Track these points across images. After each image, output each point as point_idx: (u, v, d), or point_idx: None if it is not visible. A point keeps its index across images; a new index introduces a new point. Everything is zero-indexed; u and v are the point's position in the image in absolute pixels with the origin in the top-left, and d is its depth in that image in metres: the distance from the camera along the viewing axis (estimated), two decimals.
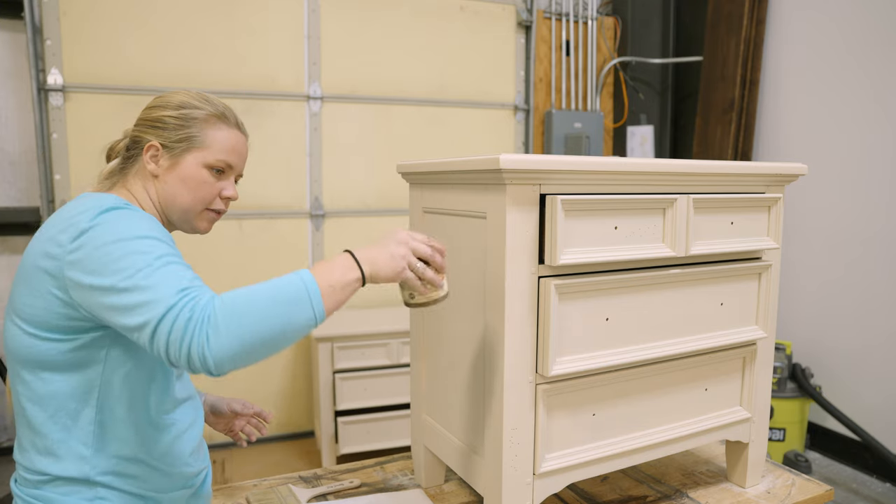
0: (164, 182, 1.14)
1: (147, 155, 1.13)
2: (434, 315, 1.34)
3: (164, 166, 1.13)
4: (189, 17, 3.05)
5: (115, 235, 0.95)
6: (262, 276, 3.50)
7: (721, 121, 3.58)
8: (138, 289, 0.90)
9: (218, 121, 1.16)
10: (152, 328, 0.88)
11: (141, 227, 0.97)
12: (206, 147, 1.14)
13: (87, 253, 0.95)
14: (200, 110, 1.15)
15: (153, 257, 0.93)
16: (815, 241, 3.24)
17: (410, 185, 1.39)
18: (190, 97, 1.16)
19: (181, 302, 0.88)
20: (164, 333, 0.87)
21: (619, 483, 1.47)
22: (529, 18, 3.71)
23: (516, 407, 1.09)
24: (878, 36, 2.96)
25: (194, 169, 1.14)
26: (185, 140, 1.13)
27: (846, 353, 3.12)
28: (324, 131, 3.34)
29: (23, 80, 3.00)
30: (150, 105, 1.18)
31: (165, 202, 1.14)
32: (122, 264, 0.92)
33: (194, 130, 1.14)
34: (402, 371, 2.95)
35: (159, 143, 1.12)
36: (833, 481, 2.95)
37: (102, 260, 0.93)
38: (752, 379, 1.39)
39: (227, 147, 1.16)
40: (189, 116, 1.14)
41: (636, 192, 1.16)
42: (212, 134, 1.15)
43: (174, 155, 1.13)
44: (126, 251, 0.93)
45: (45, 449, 1.02)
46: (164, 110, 1.14)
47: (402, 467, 1.54)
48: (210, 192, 1.15)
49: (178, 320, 0.87)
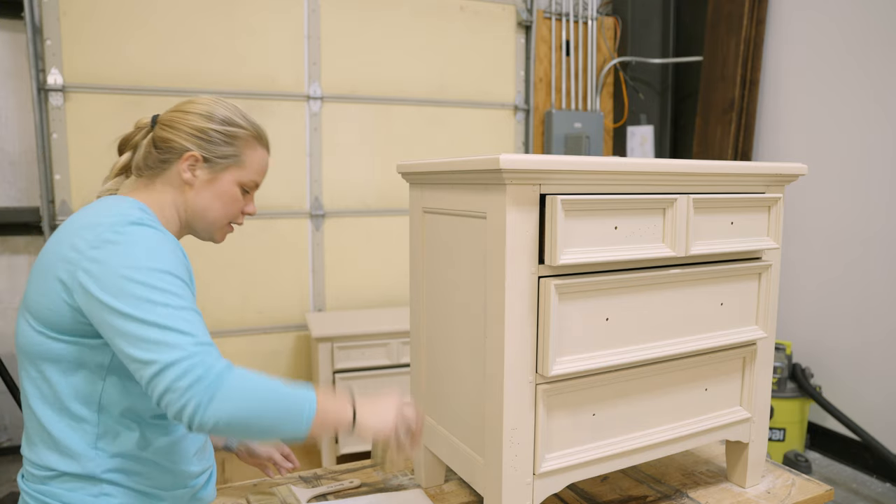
0: (198, 194, 1.15)
1: (185, 164, 1.13)
2: (434, 315, 1.34)
3: (201, 178, 1.14)
4: (189, 17, 3.05)
5: (141, 261, 0.96)
6: (262, 275, 3.49)
7: (721, 121, 3.58)
8: (156, 326, 0.93)
9: (256, 142, 1.19)
10: (158, 369, 0.90)
11: (167, 260, 0.99)
12: (244, 167, 1.18)
13: (107, 269, 0.95)
14: (244, 130, 1.17)
15: (177, 298, 0.96)
16: (815, 241, 3.24)
17: (410, 185, 1.39)
18: (230, 111, 1.17)
19: (197, 357, 0.92)
20: (168, 378, 0.90)
21: (619, 483, 1.47)
22: (529, 18, 3.71)
23: (516, 407, 1.09)
24: (878, 36, 2.96)
25: (229, 186, 1.17)
26: (229, 158, 1.15)
27: (846, 352, 3.12)
28: (324, 131, 3.34)
29: (23, 80, 3.00)
30: (188, 110, 1.16)
31: (194, 213, 1.17)
32: (144, 294, 0.94)
33: (237, 149, 1.16)
34: (402, 371, 2.95)
35: (202, 155, 1.13)
36: (833, 481, 2.95)
37: (123, 284, 0.94)
38: (752, 379, 1.39)
39: (260, 168, 1.21)
40: (234, 135, 1.16)
41: (636, 192, 1.16)
42: (250, 154, 1.18)
43: (215, 171, 1.15)
44: (150, 282, 0.95)
45: (52, 444, 1.03)
46: (208, 122, 1.14)
47: (402, 467, 1.54)
48: (238, 208, 1.20)
49: (188, 373, 0.90)
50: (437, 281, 1.30)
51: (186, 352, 0.91)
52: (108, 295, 0.94)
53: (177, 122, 1.15)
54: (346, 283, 3.45)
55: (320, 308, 3.40)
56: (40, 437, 1.04)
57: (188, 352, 0.91)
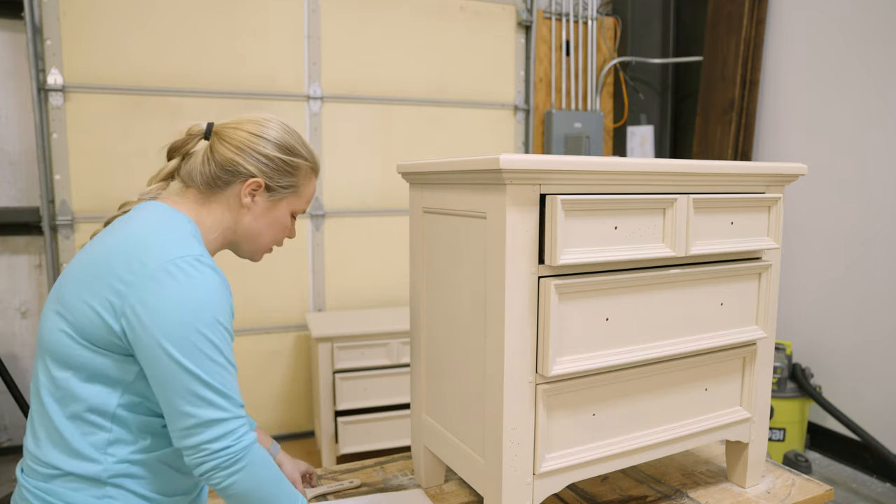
0: (255, 219, 1.16)
1: (247, 189, 1.13)
2: (434, 315, 1.34)
3: (260, 205, 1.15)
4: (189, 17, 3.05)
5: (204, 312, 0.97)
6: (262, 275, 3.49)
7: (721, 121, 3.58)
8: (208, 386, 0.97)
9: (312, 173, 1.22)
10: (196, 423, 0.97)
11: (223, 310, 1.01)
12: (300, 196, 1.20)
13: (166, 309, 0.96)
14: (305, 162, 1.18)
15: (226, 354, 1.00)
16: (815, 240, 3.24)
17: (410, 185, 1.39)
18: (296, 140, 1.18)
19: (234, 424, 0.99)
20: (203, 436, 0.97)
21: (619, 483, 1.47)
22: (529, 18, 3.71)
23: (516, 407, 1.09)
24: (878, 35, 2.96)
25: (284, 214, 1.19)
26: (290, 188, 1.17)
27: (846, 352, 3.12)
28: (324, 131, 3.34)
29: (23, 80, 3.00)
30: (257, 133, 1.14)
31: (245, 236, 1.18)
32: (202, 349, 0.97)
33: (298, 180, 1.18)
34: (402, 371, 2.95)
35: (265, 182, 1.14)
36: (833, 481, 2.95)
37: (182, 332, 0.96)
38: (752, 379, 1.39)
39: (309, 198, 1.23)
40: (297, 165, 1.17)
41: (636, 192, 1.16)
42: (307, 186, 1.21)
43: (275, 199, 1.16)
44: (209, 336, 0.97)
45: (61, 444, 1.02)
46: (277, 151, 1.14)
47: (402, 467, 1.54)
48: (285, 233, 1.22)
49: (222, 438, 0.98)
50: (437, 281, 1.30)
51: (226, 415, 0.98)
52: (167, 341, 0.95)
53: (245, 144, 1.13)
54: (346, 283, 3.45)
55: (320, 308, 3.41)
56: (49, 434, 1.03)
57: (228, 416, 0.98)
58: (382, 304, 3.52)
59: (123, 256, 1.00)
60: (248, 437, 1.01)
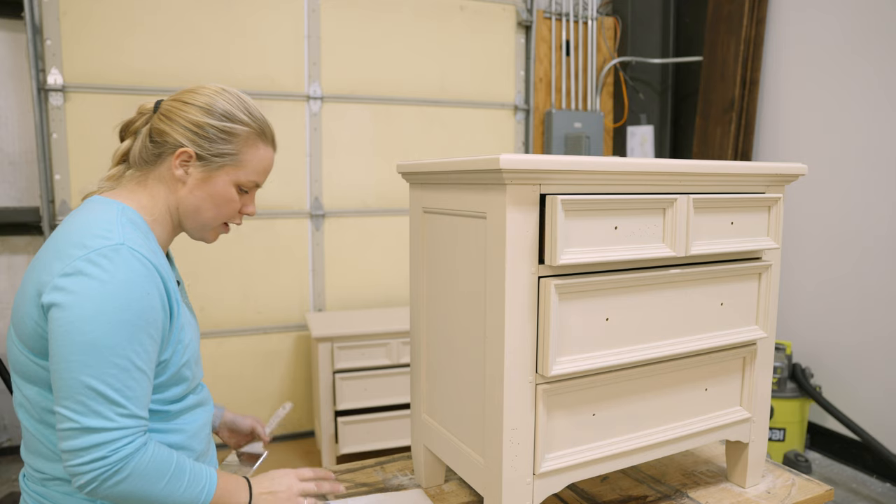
0: (191, 193, 1.08)
1: (177, 160, 1.06)
2: (434, 315, 1.34)
3: (194, 177, 1.08)
4: (189, 17, 3.05)
5: (107, 311, 0.91)
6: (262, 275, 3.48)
7: (721, 121, 3.58)
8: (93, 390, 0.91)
9: (258, 139, 1.11)
10: (71, 427, 0.91)
11: (130, 305, 0.93)
12: (242, 166, 1.10)
13: (71, 306, 0.91)
14: (244, 127, 1.09)
15: (135, 357, 0.93)
16: (815, 240, 3.24)
17: (410, 185, 1.39)
18: (233, 104, 1.09)
19: (123, 439, 0.93)
20: (77, 444, 0.91)
21: (619, 483, 1.47)
22: (529, 18, 3.71)
23: (516, 407, 1.09)
24: (878, 36, 2.96)
25: (225, 187, 1.09)
26: (224, 157, 1.08)
27: (846, 353, 3.12)
28: (324, 131, 3.34)
29: (23, 80, 3.00)
30: (187, 100, 1.08)
31: (186, 213, 1.10)
32: (106, 356, 0.91)
33: (235, 147, 1.08)
34: (402, 371, 2.95)
35: (195, 151, 1.06)
36: (833, 481, 2.95)
37: (79, 334, 0.90)
38: (752, 379, 1.39)
39: (260, 168, 1.13)
40: (233, 132, 1.08)
41: (636, 192, 1.16)
42: (251, 153, 1.10)
43: (209, 170, 1.08)
44: (110, 345, 0.91)
45: (44, 452, 1.02)
46: (206, 116, 1.06)
47: (402, 467, 1.54)
48: (233, 209, 1.12)
49: (98, 448, 0.91)
50: (438, 281, 1.30)
51: (109, 425, 0.91)
52: (62, 340, 0.90)
53: (174, 113, 1.07)
54: (346, 283, 3.45)
55: (320, 308, 3.40)
56: (33, 444, 1.03)
57: (110, 426, 0.92)
58: (382, 304, 3.52)
59: (43, 262, 0.97)
60: (133, 445, 0.94)
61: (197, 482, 1.01)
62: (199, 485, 1.02)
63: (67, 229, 0.99)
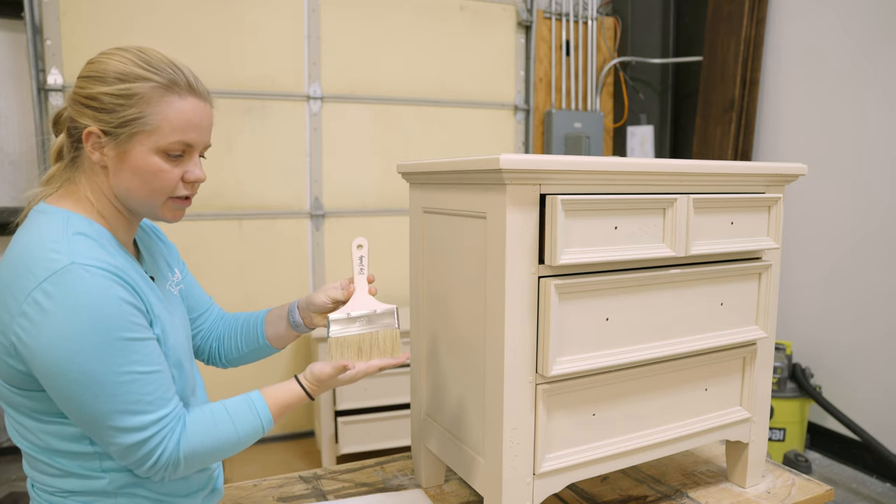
0: (115, 174, 0.95)
1: (88, 144, 0.94)
2: (434, 315, 1.34)
3: (110, 156, 0.94)
4: (189, 16, 3.05)
5: (84, 338, 0.86)
6: (263, 276, 3.47)
7: (721, 121, 3.58)
8: (126, 413, 0.90)
9: (166, 92, 0.94)
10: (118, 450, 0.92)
11: (111, 319, 0.87)
12: (155, 129, 0.93)
13: (44, 348, 0.86)
14: (143, 82, 0.92)
15: (136, 365, 0.90)
16: (815, 240, 3.24)
17: (410, 185, 1.39)
18: (128, 62, 0.93)
19: (165, 438, 0.93)
20: (133, 459, 0.93)
21: (619, 483, 1.47)
22: (529, 18, 3.71)
23: (516, 407, 1.09)
24: (878, 35, 2.96)
25: (144, 158, 0.94)
26: (128, 124, 0.92)
27: (846, 353, 3.12)
28: (324, 131, 3.34)
29: (23, 80, 3.00)
30: (84, 74, 0.95)
31: (122, 198, 0.98)
32: (104, 377, 0.88)
33: (137, 110, 0.92)
34: (402, 371, 2.95)
35: (99, 128, 0.93)
36: (833, 481, 2.95)
37: (76, 370, 0.86)
38: (752, 379, 1.39)
39: (181, 125, 0.95)
40: (129, 93, 0.92)
41: (636, 192, 1.16)
42: (161, 111, 0.93)
43: (120, 143, 0.93)
44: (105, 364, 0.87)
45: (57, 472, 0.98)
46: (98, 84, 0.93)
47: (402, 467, 1.54)
48: (168, 180, 0.97)
49: (151, 455, 0.93)
50: (438, 281, 1.30)
51: (143, 436, 0.92)
52: (60, 382, 0.87)
53: (75, 93, 0.95)
54: None
55: None
56: (37, 465, 0.99)
57: (145, 437, 0.92)
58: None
59: (1, 291, 0.90)
60: (175, 436, 0.94)
61: (244, 412, 1.01)
62: (249, 412, 1.02)
63: (13, 255, 0.91)
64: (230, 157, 3.13)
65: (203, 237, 3.10)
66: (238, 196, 3.16)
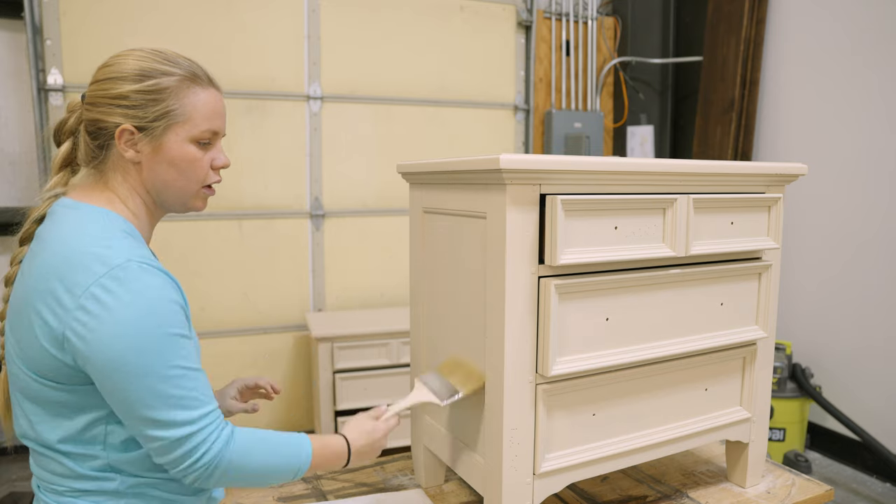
0: (151, 168, 1.00)
1: (121, 142, 0.98)
2: (434, 315, 1.34)
3: (145, 151, 0.99)
4: (189, 16, 3.05)
5: (141, 334, 0.88)
6: (262, 276, 3.47)
7: (721, 121, 3.58)
8: (174, 407, 0.91)
9: (191, 83, 1.01)
10: (162, 445, 0.93)
11: (166, 316, 0.91)
12: (187, 119, 0.99)
13: (102, 341, 0.88)
14: (169, 77, 0.99)
15: (185, 361, 0.93)
16: (815, 240, 3.24)
17: (410, 185, 1.39)
18: (147, 59, 0.99)
19: (211, 435, 0.94)
20: (174, 455, 0.93)
21: (619, 483, 1.47)
22: (529, 18, 3.71)
23: (516, 407, 1.09)
24: (878, 35, 2.96)
25: (180, 147, 1.00)
26: (163, 117, 0.97)
27: (846, 353, 3.12)
28: (324, 131, 3.34)
29: (23, 80, 3.00)
30: (102, 77, 0.99)
31: (157, 189, 1.02)
32: (158, 370, 0.90)
33: (172, 103, 0.98)
34: (402, 371, 2.95)
35: (132, 125, 0.97)
36: (833, 481, 2.95)
37: (131, 362, 0.88)
38: (752, 379, 1.39)
39: (209, 113, 1.02)
40: (159, 87, 0.97)
41: (636, 192, 1.16)
42: (190, 102, 1.00)
43: (155, 136, 0.98)
44: (159, 357, 0.90)
45: (68, 472, 0.98)
46: (124, 83, 0.97)
47: (402, 467, 1.54)
48: (203, 168, 1.03)
49: (194, 452, 0.93)
50: (437, 281, 1.30)
51: (190, 430, 0.92)
52: (115, 373, 0.88)
53: (97, 95, 0.99)
54: (346, 283, 3.45)
55: (320, 308, 3.40)
56: (49, 465, 0.99)
57: (192, 431, 0.93)
58: (382, 304, 3.52)
59: (43, 292, 0.91)
60: (221, 439, 0.95)
61: (292, 449, 1.03)
62: (296, 450, 1.03)
63: (56, 248, 0.93)
64: (230, 157, 3.13)
65: (203, 237, 3.10)
66: (238, 196, 3.16)
